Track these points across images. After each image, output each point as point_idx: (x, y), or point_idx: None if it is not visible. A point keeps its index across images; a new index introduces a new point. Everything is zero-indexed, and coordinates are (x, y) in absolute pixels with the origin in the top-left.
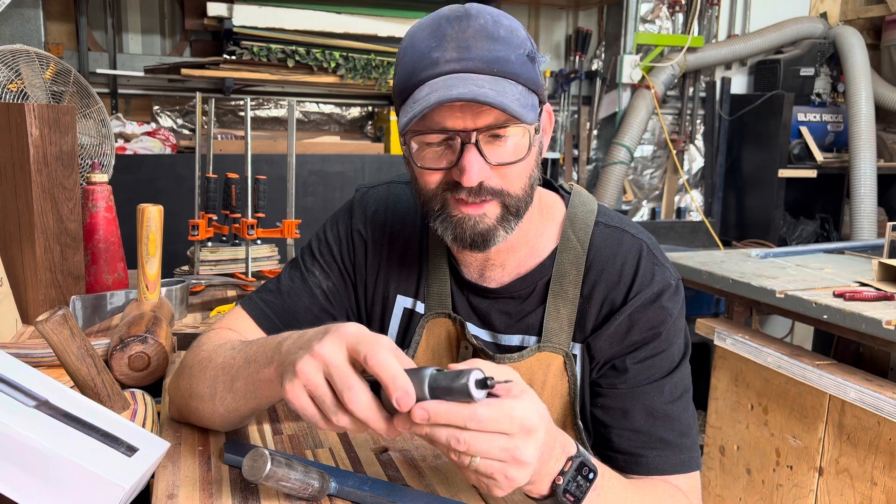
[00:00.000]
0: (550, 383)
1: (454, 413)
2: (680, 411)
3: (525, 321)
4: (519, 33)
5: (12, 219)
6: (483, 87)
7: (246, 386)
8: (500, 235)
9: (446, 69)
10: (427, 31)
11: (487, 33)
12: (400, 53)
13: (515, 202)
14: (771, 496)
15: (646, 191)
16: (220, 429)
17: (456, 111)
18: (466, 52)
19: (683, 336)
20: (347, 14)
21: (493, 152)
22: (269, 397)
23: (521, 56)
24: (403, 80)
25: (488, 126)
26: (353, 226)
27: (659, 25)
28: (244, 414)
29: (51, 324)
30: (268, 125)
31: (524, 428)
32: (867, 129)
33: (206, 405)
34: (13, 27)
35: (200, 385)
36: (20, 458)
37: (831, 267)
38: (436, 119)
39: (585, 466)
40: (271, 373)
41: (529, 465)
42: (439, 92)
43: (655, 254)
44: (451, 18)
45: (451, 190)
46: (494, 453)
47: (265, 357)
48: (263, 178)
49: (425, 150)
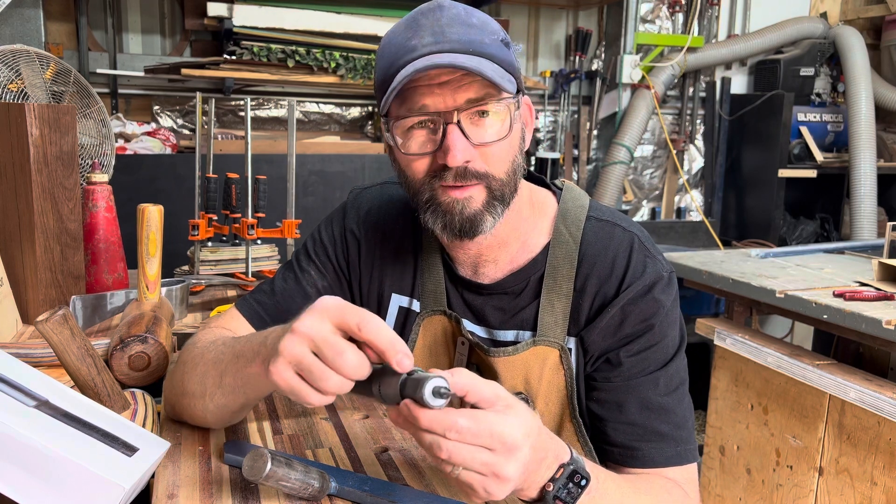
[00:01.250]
0: (547, 377)
1: (434, 419)
2: (675, 404)
3: (519, 316)
4: (492, 23)
5: (12, 219)
6: (459, 59)
7: (234, 381)
8: (487, 221)
9: (423, 52)
10: (402, 26)
11: (461, 20)
12: (378, 53)
13: (500, 186)
14: (771, 496)
15: (646, 191)
16: (212, 426)
17: (435, 90)
18: (442, 36)
19: (678, 328)
20: (347, 14)
21: (475, 132)
22: (257, 391)
23: (496, 41)
24: (383, 71)
25: (468, 101)
26: (346, 225)
27: (659, 25)
28: (234, 410)
29: (51, 324)
30: (268, 125)
31: (505, 445)
32: (867, 129)
33: (198, 402)
34: (13, 27)
35: (191, 382)
36: (20, 458)
37: (831, 267)
38: (416, 100)
39: (577, 474)
40: (257, 367)
41: (509, 482)
42: (416, 65)
43: (647, 246)
44: (425, 11)
45: (438, 177)
46: (475, 466)
47: (252, 351)
48: (263, 178)
49: (409, 139)
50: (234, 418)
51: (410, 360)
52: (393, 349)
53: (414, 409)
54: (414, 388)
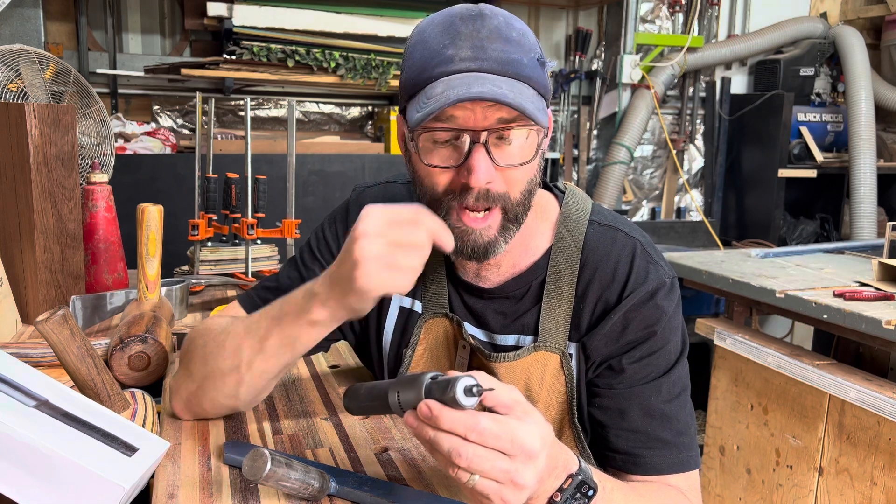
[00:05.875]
0: (548, 383)
1: (457, 419)
2: (678, 410)
3: (520, 321)
4: (529, 37)
5: (12, 219)
6: (501, 87)
7: (280, 340)
8: (500, 247)
9: (461, 67)
10: (439, 28)
11: (501, 34)
12: (409, 49)
13: (515, 208)
14: (771, 496)
15: (646, 191)
16: (243, 400)
17: (467, 104)
18: (482, 51)
19: (680, 334)
20: (347, 14)
21: (500, 154)
22: (307, 343)
23: (533, 60)
24: (414, 75)
25: (498, 121)
26: (350, 224)
27: (659, 25)
28: (273, 374)
29: (51, 324)
30: (268, 125)
31: (525, 452)
32: (867, 129)
33: (230, 377)
34: (13, 27)
35: (220, 359)
36: (20, 458)
37: (831, 267)
38: (447, 112)
39: (585, 484)
40: (315, 313)
41: (526, 490)
42: (457, 89)
43: (649, 252)
44: (465, 17)
45: (458, 198)
46: (494, 474)
47: (298, 306)
48: (263, 178)
49: (432, 150)
50: (267, 389)
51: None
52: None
53: (435, 409)
54: (443, 390)
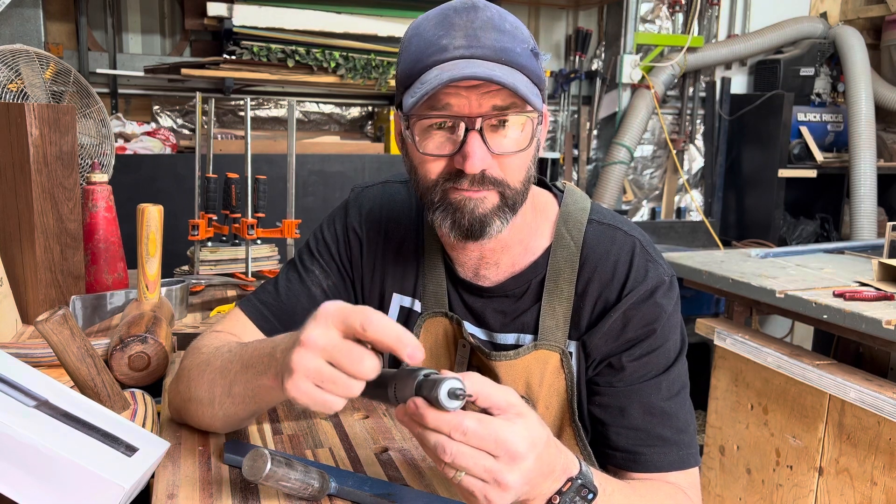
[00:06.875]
0: (548, 381)
1: (441, 419)
2: (677, 408)
3: (520, 320)
4: (523, 30)
5: (12, 219)
6: (494, 71)
7: (244, 391)
8: (495, 225)
9: (455, 55)
10: (434, 21)
11: (494, 25)
12: (404, 43)
13: (513, 195)
14: (771, 496)
15: (646, 191)
16: (220, 431)
17: (461, 91)
18: (475, 40)
19: (679, 332)
20: (347, 14)
21: (495, 141)
22: (268, 401)
23: (526, 50)
24: (409, 65)
25: (493, 108)
26: (348, 224)
27: (659, 25)
28: (243, 417)
29: (51, 324)
30: (268, 125)
31: (509, 453)
32: (867, 128)
33: (206, 409)
34: (13, 27)
35: (199, 389)
36: (20, 458)
37: (831, 267)
38: (440, 99)
39: (585, 488)
40: (270, 380)
41: (511, 490)
42: (450, 72)
43: (648, 250)
44: (459, 9)
45: (452, 181)
46: (478, 472)
47: (261, 363)
48: (263, 178)
49: (427, 138)
50: (243, 424)
51: (421, 352)
52: (401, 343)
53: (422, 407)
54: (429, 389)
